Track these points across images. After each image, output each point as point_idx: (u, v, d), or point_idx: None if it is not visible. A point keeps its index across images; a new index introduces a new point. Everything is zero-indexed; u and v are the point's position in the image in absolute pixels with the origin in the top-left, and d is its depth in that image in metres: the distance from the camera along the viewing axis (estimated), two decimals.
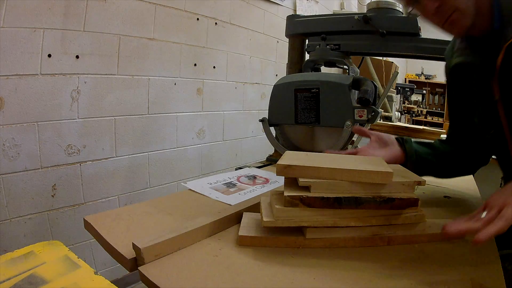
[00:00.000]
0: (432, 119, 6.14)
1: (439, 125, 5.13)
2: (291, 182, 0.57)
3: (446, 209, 0.79)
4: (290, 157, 0.60)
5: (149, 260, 0.49)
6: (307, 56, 1.23)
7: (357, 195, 0.54)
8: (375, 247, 0.56)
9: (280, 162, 0.56)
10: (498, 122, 0.67)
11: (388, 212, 0.56)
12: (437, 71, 6.22)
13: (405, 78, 6.47)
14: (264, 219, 0.54)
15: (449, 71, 0.80)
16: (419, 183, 0.58)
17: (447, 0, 0.60)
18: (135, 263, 0.50)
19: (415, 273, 0.48)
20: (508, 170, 0.73)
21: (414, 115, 4.70)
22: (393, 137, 0.81)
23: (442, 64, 0.86)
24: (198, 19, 1.83)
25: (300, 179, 0.55)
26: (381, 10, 1.08)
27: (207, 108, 1.98)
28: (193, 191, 0.83)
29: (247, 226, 0.59)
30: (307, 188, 0.54)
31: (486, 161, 0.85)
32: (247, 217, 0.62)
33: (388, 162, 0.63)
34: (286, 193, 0.54)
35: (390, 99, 2.99)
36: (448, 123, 0.88)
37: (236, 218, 0.64)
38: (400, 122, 3.35)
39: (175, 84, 1.76)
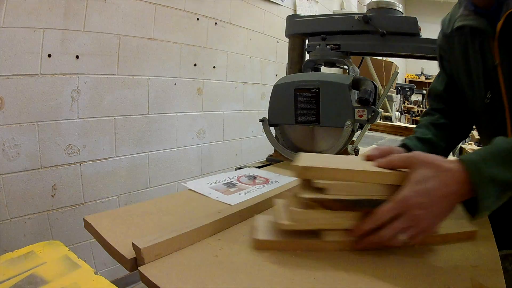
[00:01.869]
0: None
1: None
2: (306, 185, 0.57)
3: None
4: (307, 159, 0.59)
5: (149, 260, 0.49)
6: (307, 56, 1.23)
7: (375, 197, 0.53)
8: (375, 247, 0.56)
9: (298, 164, 0.54)
10: (497, 87, 0.68)
11: None
12: (437, 71, 6.22)
13: (405, 78, 6.47)
14: (283, 222, 0.53)
15: (447, 37, 0.81)
16: None
17: None
18: (135, 263, 0.50)
19: (415, 273, 0.48)
20: (495, 135, 0.73)
21: (414, 115, 4.71)
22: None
23: None
24: (198, 19, 1.84)
25: (318, 181, 0.53)
26: (381, 10, 1.08)
27: (207, 108, 1.98)
28: (193, 191, 0.83)
29: (263, 230, 0.57)
30: (325, 190, 0.54)
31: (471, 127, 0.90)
32: (261, 220, 0.61)
33: None
34: (304, 196, 0.53)
35: (390, 99, 2.99)
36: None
37: (236, 218, 0.63)
38: (400, 122, 3.35)
39: (175, 84, 1.76)
